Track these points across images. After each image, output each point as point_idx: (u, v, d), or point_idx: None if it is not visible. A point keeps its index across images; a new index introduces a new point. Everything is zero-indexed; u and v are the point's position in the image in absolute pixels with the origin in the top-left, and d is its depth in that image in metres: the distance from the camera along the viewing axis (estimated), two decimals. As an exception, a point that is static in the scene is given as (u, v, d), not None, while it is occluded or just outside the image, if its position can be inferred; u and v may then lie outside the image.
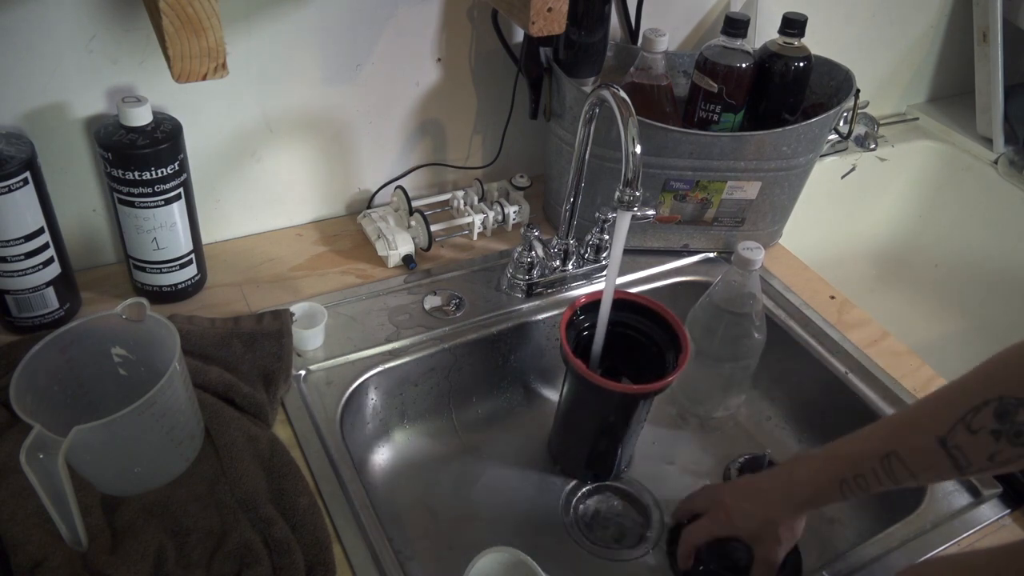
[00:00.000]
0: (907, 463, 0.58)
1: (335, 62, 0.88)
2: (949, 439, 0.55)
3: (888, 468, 0.59)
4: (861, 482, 0.61)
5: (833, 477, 0.63)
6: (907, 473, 0.58)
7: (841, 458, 0.63)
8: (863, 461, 0.61)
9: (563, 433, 0.83)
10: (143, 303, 0.65)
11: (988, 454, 0.54)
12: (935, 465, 0.57)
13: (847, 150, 1.30)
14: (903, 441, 0.58)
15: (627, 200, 0.69)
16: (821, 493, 0.64)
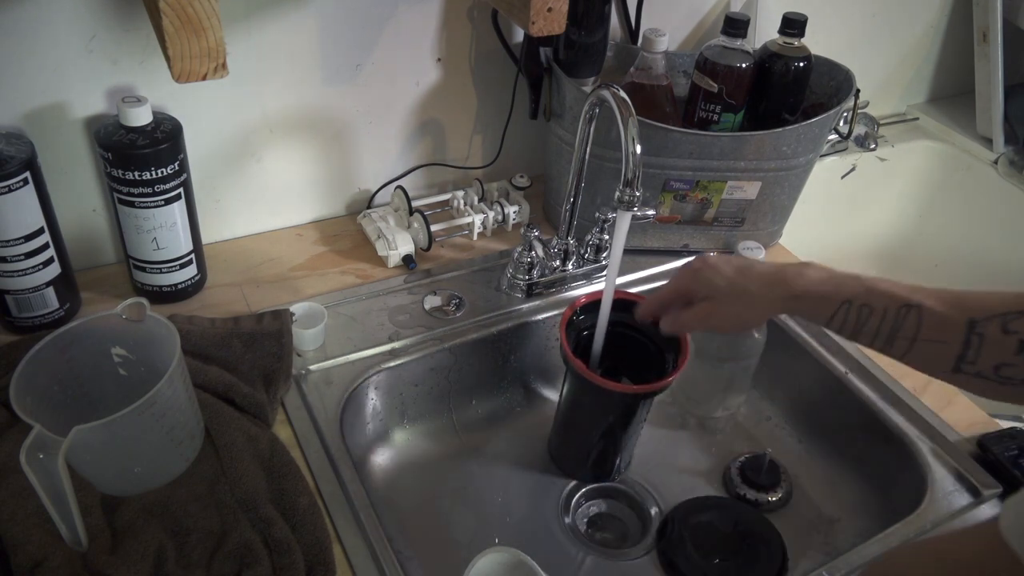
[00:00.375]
0: (923, 322, 0.55)
1: (335, 62, 0.88)
2: (979, 324, 0.53)
3: (901, 316, 0.56)
4: (863, 312, 0.58)
5: (842, 292, 0.59)
6: (913, 332, 0.55)
7: (863, 281, 0.60)
8: (883, 297, 0.57)
9: (563, 433, 0.83)
10: (143, 303, 0.65)
11: (1000, 362, 0.52)
12: (945, 342, 0.54)
13: (847, 150, 1.30)
14: (937, 302, 0.55)
15: (627, 200, 0.69)
16: (818, 297, 0.60)
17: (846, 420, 0.86)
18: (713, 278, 0.65)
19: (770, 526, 0.78)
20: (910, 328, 0.56)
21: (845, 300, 0.59)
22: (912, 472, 0.78)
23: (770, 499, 0.82)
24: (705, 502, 0.81)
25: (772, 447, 0.89)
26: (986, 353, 0.53)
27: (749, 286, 0.64)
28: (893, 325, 0.57)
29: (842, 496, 0.85)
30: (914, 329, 0.56)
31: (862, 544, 0.70)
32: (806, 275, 0.62)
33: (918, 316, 0.56)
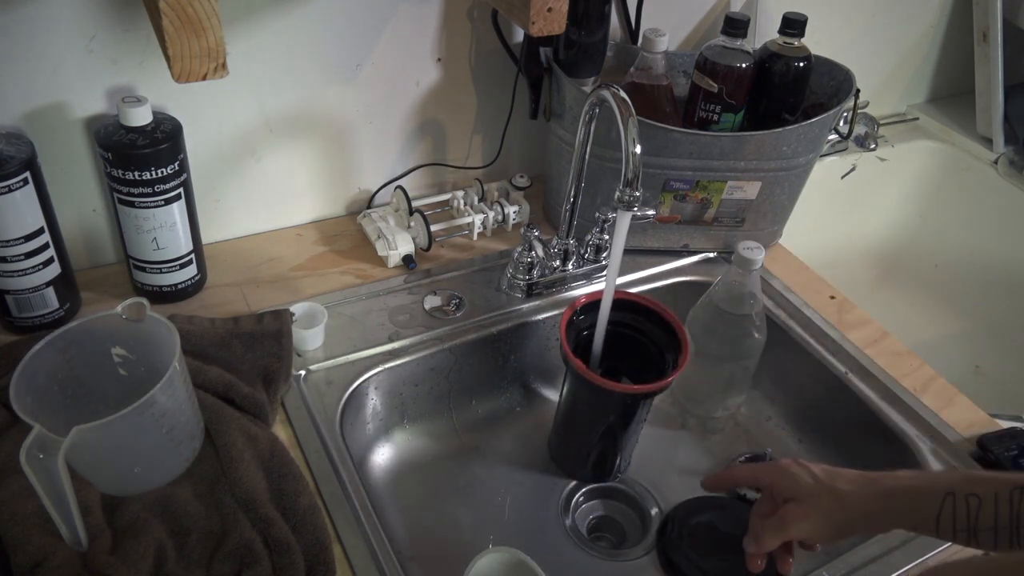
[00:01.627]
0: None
1: (335, 62, 0.88)
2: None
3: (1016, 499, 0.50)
4: (972, 501, 0.51)
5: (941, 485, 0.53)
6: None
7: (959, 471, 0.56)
8: (987, 483, 0.52)
9: (563, 433, 0.83)
10: (143, 303, 0.65)
11: None
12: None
13: (847, 150, 1.30)
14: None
15: (627, 200, 0.69)
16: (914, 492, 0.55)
17: (846, 420, 0.86)
18: (800, 475, 0.61)
19: (770, 526, 0.78)
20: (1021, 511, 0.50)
21: (948, 491, 0.53)
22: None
23: (770, 499, 0.82)
24: (705, 502, 0.81)
25: (772, 447, 0.89)
26: None
27: (839, 485, 0.59)
28: (1011, 512, 0.50)
29: (842, 496, 0.84)
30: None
31: (862, 544, 0.70)
32: (897, 473, 0.58)
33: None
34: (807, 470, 0.61)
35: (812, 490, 0.59)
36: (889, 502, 0.56)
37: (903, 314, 1.38)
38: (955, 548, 0.70)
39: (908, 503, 0.55)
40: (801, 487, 0.60)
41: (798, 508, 0.60)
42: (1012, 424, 0.82)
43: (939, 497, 0.53)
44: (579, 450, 0.82)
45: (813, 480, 0.60)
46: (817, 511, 0.59)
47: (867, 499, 0.57)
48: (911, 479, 0.56)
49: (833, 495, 0.58)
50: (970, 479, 0.53)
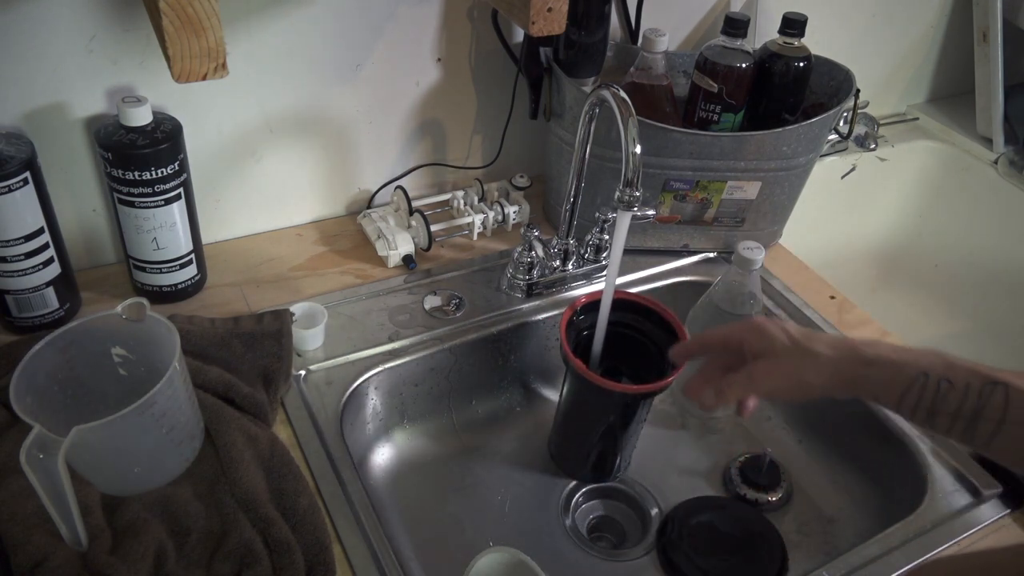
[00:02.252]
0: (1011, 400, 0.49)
1: (335, 62, 0.88)
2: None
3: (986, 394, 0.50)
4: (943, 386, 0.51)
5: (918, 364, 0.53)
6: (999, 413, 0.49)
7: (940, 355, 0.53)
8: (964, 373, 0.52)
9: (563, 433, 0.83)
10: (143, 303, 0.65)
11: None
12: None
13: (847, 150, 1.30)
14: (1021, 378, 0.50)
15: (627, 200, 0.69)
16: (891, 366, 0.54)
17: (846, 420, 0.86)
18: (776, 334, 0.58)
19: (770, 526, 0.78)
20: (996, 408, 0.50)
21: (923, 371, 0.53)
22: (912, 472, 0.78)
23: (770, 499, 0.82)
24: (705, 502, 0.81)
25: (772, 447, 0.89)
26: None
27: (815, 347, 0.57)
28: (976, 404, 0.51)
29: (842, 496, 0.85)
30: (1000, 409, 0.50)
31: (862, 544, 0.70)
32: (879, 344, 0.56)
33: (1005, 394, 0.50)
34: (783, 330, 0.59)
35: (787, 349, 0.57)
36: (862, 370, 0.55)
37: (903, 314, 1.38)
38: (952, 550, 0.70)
39: (881, 376, 0.54)
40: (776, 345, 0.58)
41: (769, 365, 0.58)
42: (1012, 424, 0.82)
43: (913, 374, 0.53)
44: (579, 450, 0.82)
45: (789, 340, 0.58)
46: (789, 370, 0.57)
47: (844, 363, 0.56)
48: (892, 352, 0.55)
49: (809, 355, 0.56)
50: (951, 366, 0.53)
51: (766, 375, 0.58)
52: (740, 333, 0.61)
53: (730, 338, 0.62)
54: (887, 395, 0.54)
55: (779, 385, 0.58)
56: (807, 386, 0.57)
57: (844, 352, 0.56)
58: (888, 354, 0.55)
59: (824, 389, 0.56)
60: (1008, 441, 0.50)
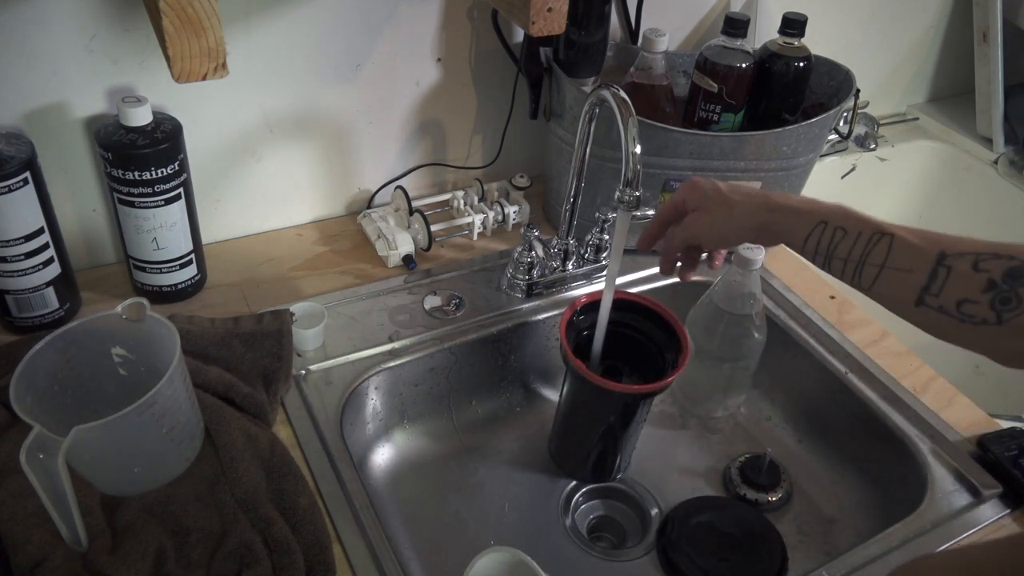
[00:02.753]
0: (894, 251, 0.56)
1: (335, 62, 0.88)
2: (950, 258, 0.53)
3: (872, 242, 0.56)
4: (838, 235, 0.58)
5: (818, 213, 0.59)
6: (881, 260, 0.56)
7: (837, 208, 0.60)
8: (856, 223, 0.58)
9: (563, 433, 0.83)
10: (143, 303, 0.65)
11: (961, 297, 0.52)
12: (912, 271, 0.55)
13: (847, 150, 1.30)
14: (909, 235, 0.56)
15: (627, 200, 0.69)
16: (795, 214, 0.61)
17: (846, 420, 0.86)
18: (705, 188, 0.66)
19: (770, 526, 0.78)
20: (879, 255, 0.56)
21: (821, 220, 0.59)
22: (912, 472, 0.78)
23: (770, 499, 0.82)
24: (705, 502, 0.81)
25: (772, 447, 0.89)
26: (951, 286, 0.53)
27: (733, 196, 0.65)
28: (864, 250, 0.57)
29: (842, 496, 0.85)
30: (883, 256, 0.56)
31: (862, 544, 0.70)
32: (790, 196, 0.63)
33: (889, 243, 0.56)
34: (713, 185, 0.66)
35: (711, 200, 0.65)
36: (769, 216, 0.62)
37: (903, 314, 1.38)
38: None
39: (786, 221, 0.61)
40: (704, 198, 0.66)
41: (699, 215, 0.66)
42: (1012, 424, 0.82)
43: (814, 222, 0.59)
44: (579, 450, 0.82)
45: (714, 192, 0.66)
46: (712, 217, 0.65)
47: (755, 211, 0.63)
48: (797, 202, 0.61)
49: (726, 204, 0.64)
50: (847, 216, 0.59)
51: (696, 224, 0.67)
52: (682, 193, 0.68)
53: (677, 201, 0.69)
54: (792, 239, 0.61)
55: (705, 232, 0.66)
56: (727, 232, 0.65)
57: (757, 201, 0.63)
58: (795, 203, 0.62)
59: (741, 233, 0.64)
60: (885, 285, 0.56)
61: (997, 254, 0.52)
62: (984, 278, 0.52)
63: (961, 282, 0.53)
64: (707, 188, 0.66)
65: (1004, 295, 0.51)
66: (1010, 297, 0.51)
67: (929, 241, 0.55)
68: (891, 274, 0.56)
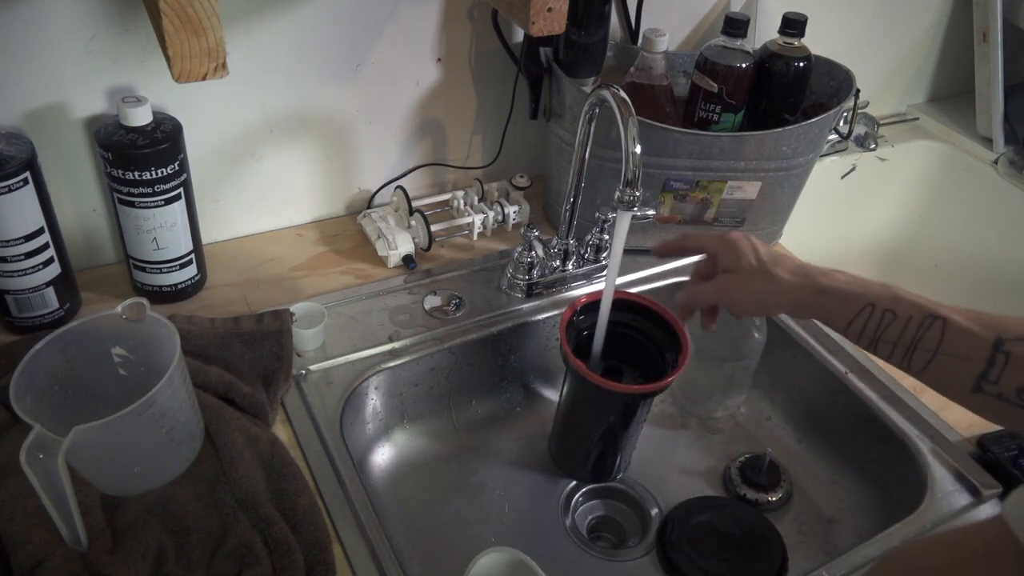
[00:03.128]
0: (948, 336, 0.54)
1: (335, 62, 0.88)
2: (1007, 344, 0.52)
3: (925, 327, 0.54)
4: (887, 318, 0.56)
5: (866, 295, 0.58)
6: (935, 344, 0.54)
7: (887, 288, 0.58)
8: (907, 307, 0.56)
9: (563, 433, 0.83)
10: (143, 303, 0.65)
11: (1020, 386, 0.50)
12: (968, 358, 0.53)
13: (847, 150, 1.30)
14: (963, 318, 0.54)
15: (627, 200, 0.69)
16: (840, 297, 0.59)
17: (846, 420, 0.86)
18: (746, 251, 0.64)
19: (770, 526, 0.78)
20: (932, 339, 0.54)
21: (869, 302, 0.57)
22: (912, 472, 0.78)
23: (770, 499, 0.82)
24: (705, 502, 0.81)
25: (772, 447, 0.89)
26: (1011, 373, 0.51)
27: (777, 270, 0.62)
28: (915, 335, 0.55)
29: (842, 496, 0.85)
30: (936, 341, 0.54)
31: (862, 544, 0.70)
32: (834, 274, 0.61)
33: (942, 328, 0.54)
34: (753, 249, 0.64)
35: (752, 269, 0.63)
36: (816, 298, 0.61)
37: (903, 314, 1.38)
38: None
39: (832, 304, 0.60)
40: (743, 263, 0.64)
41: (735, 280, 0.64)
42: (1012, 424, 0.82)
43: (861, 305, 0.58)
44: (579, 450, 0.82)
45: (756, 260, 0.64)
46: (752, 289, 0.63)
47: (799, 290, 0.61)
48: (844, 283, 0.60)
49: (769, 278, 0.62)
50: (896, 298, 0.57)
51: (732, 289, 0.65)
52: (715, 245, 0.67)
53: (707, 248, 0.68)
54: (837, 321, 0.60)
55: (742, 301, 0.65)
56: (766, 305, 0.64)
57: (802, 280, 0.61)
58: (841, 285, 0.60)
59: (780, 309, 0.64)
60: (939, 370, 0.55)
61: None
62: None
63: (1021, 369, 0.51)
64: (746, 251, 0.64)
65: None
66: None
67: (985, 326, 0.53)
68: (945, 360, 0.54)
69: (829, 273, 0.61)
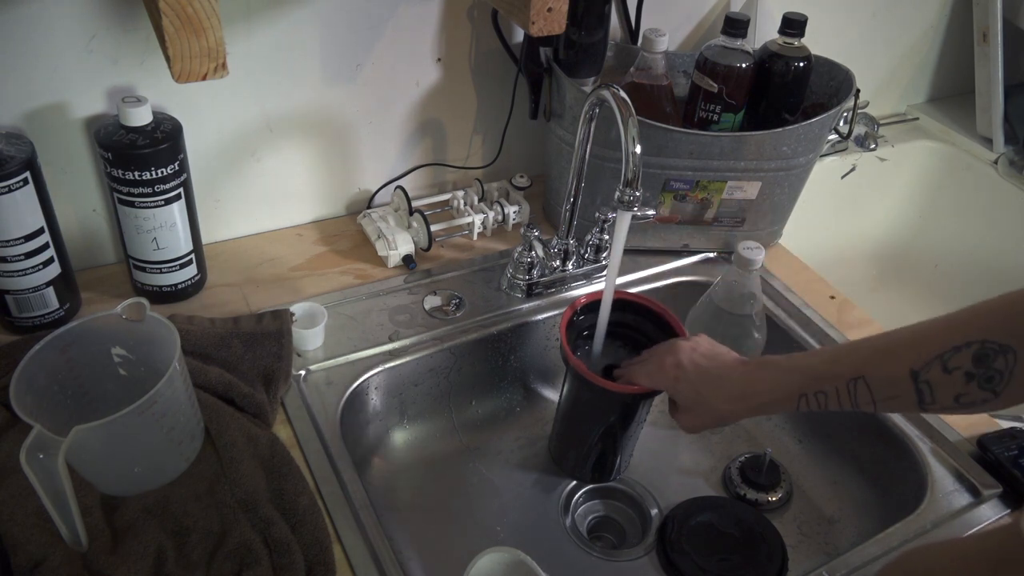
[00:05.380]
0: (873, 389, 0.59)
1: (335, 62, 0.88)
2: (922, 374, 0.56)
3: (852, 391, 0.60)
4: (820, 398, 0.62)
5: (794, 390, 0.63)
6: (869, 399, 0.59)
7: (806, 372, 0.63)
8: (829, 380, 0.61)
9: (563, 433, 0.83)
10: (143, 303, 0.65)
11: (955, 395, 0.55)
12: (899, 396, 0.58)
13: (847, 150, 1.30)
14: (875, 368, 0.59)
15: (627, 200, 0.69)
16: (776, 402, 0.65)
17: (846, 420, 0.86)
18: (685, 392, 0.69)
19: (770, 526, 0.78)
20: (865, 398, 0.60)
21: (800, 394, 0.63)
22: (912, 472, 0.78)
23: (770, 499, 0.82)
24: (705, 502, 0.81)
25: (772, 447, 0.89)
26: (940, 393, 0.56)
27: (718, 405, 0.68)
28: (852, 400, 0.60)
29: (842, 496, 0.85)
30: (869, 397, 0.59)
31: (862, 544, 0.70)
32: (757, 386, 0.66)
33: (867, 387, 0.59)
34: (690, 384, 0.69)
35: (693, 403, 0.70)
36: (758, 412, 0.68)
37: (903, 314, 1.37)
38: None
39: (775, 409, 0.67)
40: (685, 400, 0.70)
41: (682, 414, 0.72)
42: (1012, 424, 0.82)
43: (795, 401, 0.63)
44: (579, 450, 0.82)
45: (695, 395, 0.69)
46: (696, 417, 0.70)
47: (740, 413, 0.68)
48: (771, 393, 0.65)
49: (711, 411, 0.69)
50: (818, 378, 0.62)
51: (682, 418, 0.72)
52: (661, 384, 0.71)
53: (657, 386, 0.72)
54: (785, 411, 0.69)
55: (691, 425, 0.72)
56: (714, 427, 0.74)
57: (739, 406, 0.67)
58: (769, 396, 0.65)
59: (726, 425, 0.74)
60: (887, 409, 0.61)
61: (956, 347, 0.55)
62: (960, 375, 0.55)
63: (944, 387, 0.56)
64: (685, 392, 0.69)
65: (986, 377, 0.54)
66: (991, 376, 0.54)
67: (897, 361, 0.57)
68: (886, 404, 0.59)
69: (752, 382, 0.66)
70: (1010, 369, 0.53)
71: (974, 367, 0.54)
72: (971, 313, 0.56)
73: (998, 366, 0.53)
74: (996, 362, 0.53)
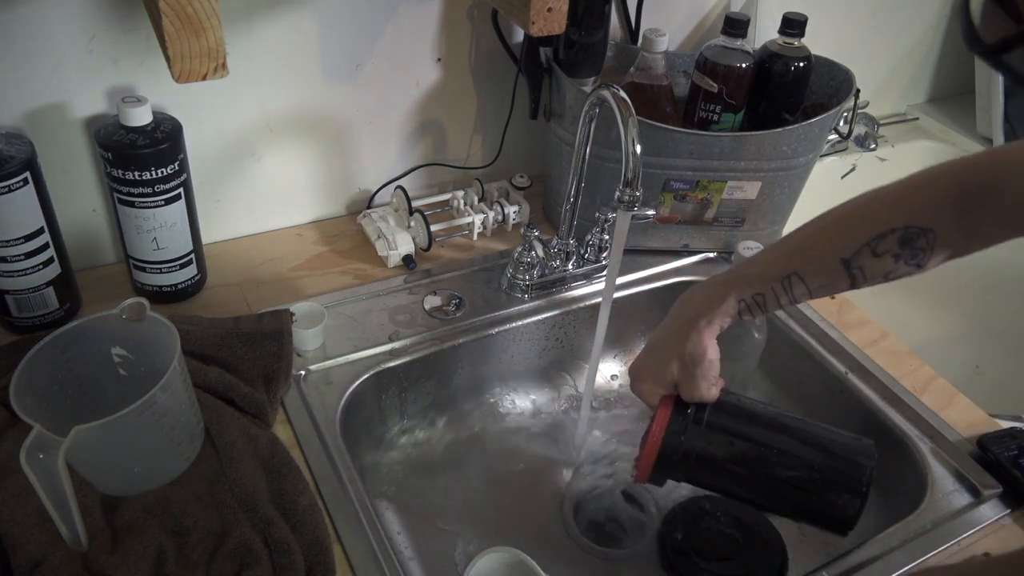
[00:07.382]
0: (807, 281, 0.63)
1: (335, 62, 0.88)
2: (853, 261, 0.61)
3: (787, 286, 0.63)
4: (759, 299, 0.64)
5: (733, 299, 0.65)
6: (804, 290, 0.63)
7: (741, 280, 0.65)
8: (764, 282, 0.64)
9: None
10: (143, 303, 0.65)
11: (884, 272, 0.61)
12: (833, 282, 0.63)
13: (847, 150, 1.30)
14: (806, 262, 0.63)
15: (627, 200, 0.69)
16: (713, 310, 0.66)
17: (846, 420, 0.86)
18: (652, 386, 0.69)
19: (770, 526, 0.78)
20: (801, 290, 0.64)
21: (739, 299, 0.65)
22: (912, 472, 0.78)
23: (770, 499, 0.82)
24: (705, 502, 0.81)
25: (772, 447, 0.89)
26: (871, 274, 0.62)
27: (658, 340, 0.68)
28: (789, 296, 0.64)
29: (842, 496, 0.84)
30: (804, 288, 0.63)
31: (862, 544, 0.70)
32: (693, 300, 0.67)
33: (801, 280, 0.63)
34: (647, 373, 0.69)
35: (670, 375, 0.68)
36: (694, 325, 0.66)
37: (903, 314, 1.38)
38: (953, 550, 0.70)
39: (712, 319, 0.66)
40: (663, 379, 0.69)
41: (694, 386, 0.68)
42: (1012, 424, 0.82)
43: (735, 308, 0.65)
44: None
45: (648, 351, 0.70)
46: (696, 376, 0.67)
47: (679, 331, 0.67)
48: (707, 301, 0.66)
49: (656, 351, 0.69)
50: (750, 282, 0.65)
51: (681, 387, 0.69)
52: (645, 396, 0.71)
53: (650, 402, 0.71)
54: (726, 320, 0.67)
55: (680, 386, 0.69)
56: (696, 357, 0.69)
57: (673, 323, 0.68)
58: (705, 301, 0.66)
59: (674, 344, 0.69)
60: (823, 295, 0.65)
61: (882, 234, 0.60)
62: (889, 257, 0.61)
63: (876, 269, 0.61)
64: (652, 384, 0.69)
65: (911, 255, 0.61)
66: (915, 252, 0.61)
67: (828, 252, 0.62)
68: (821, 291, 0.64)
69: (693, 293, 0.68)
70: (931, 246, 0.60)
71: (900, 249, 0.60)
72: (892, 197, 0.62)
73: (921, 245, 0.60)
74: (919, 242, 0.60)
